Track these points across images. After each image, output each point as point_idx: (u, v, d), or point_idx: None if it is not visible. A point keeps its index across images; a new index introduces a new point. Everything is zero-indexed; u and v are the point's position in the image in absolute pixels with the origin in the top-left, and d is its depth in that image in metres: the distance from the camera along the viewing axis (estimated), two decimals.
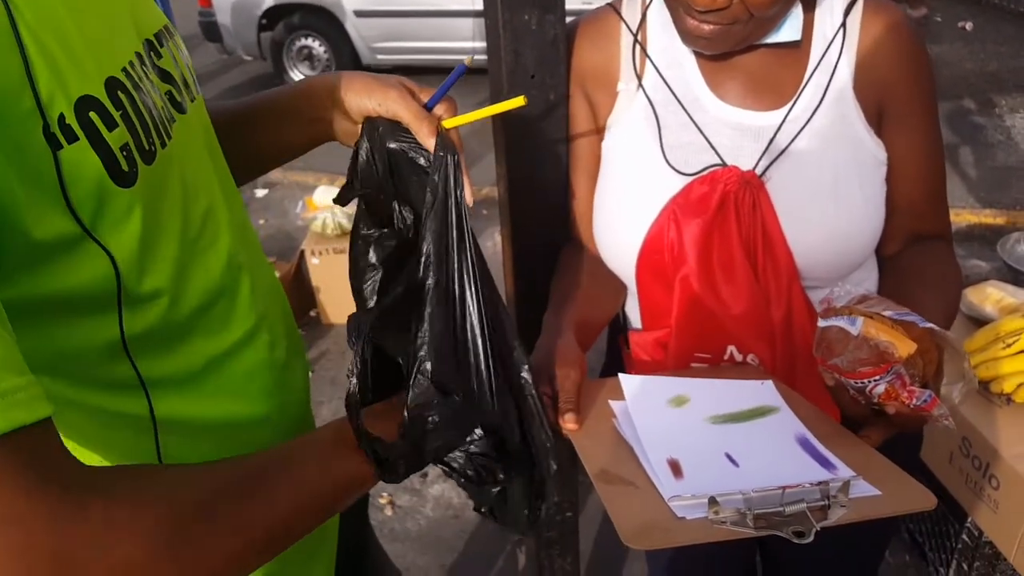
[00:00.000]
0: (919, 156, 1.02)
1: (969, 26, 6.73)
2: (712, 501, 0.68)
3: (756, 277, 0.99)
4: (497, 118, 1.20)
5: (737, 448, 0.81)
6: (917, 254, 1.05)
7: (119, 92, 0.57)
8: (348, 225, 3.28)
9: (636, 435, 0.82)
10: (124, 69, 0.59)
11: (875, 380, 0.77)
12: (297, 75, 6.47)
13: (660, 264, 1.02)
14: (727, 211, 0.97)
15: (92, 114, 0.54)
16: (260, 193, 4.83)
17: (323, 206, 3.35)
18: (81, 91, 0.54)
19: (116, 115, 0.56)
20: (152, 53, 0.66)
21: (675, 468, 0.76)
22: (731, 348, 1.04)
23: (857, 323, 0.78)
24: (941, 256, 1.05)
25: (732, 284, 1.00)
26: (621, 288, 1.15)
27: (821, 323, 0.82)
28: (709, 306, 1.01)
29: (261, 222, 4.36)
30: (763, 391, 0.94)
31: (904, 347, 0.76)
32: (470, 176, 0.81)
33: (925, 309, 0.83)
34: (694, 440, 0.82)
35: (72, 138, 0.52)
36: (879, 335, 0.77)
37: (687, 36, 0.97)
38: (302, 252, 3.43)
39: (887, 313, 0.79)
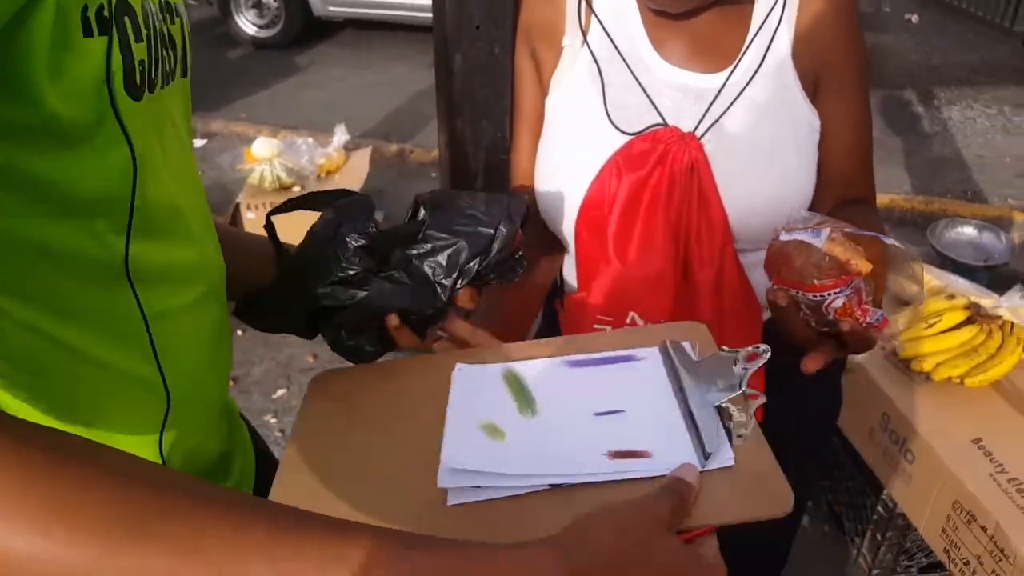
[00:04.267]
0: (851, 126, 1.04)
1: (915, 19, 6.87)
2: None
3: (689, 238, 1.00)
4: (440, 74, 1.18)
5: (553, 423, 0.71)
6: (844, 213, 1.07)
7: (148, 15, 0.59)
8: (286, 178, 3.19)
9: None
10: (146, 3, 0.60)
11: (835, 293, 0.76)
12: (244, 23, 6.26)
13: (600, 220, 1.02)
14: (663, 170, 0.98)
15: (126, 19, 0.55)
16: (198, 143, 4.70)
17: (261, 158, 3.25)
18: None
19: (143, 31, 0.57)
20: (166, 14, 0.66)
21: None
22: (632, 315, 1.05)
23: (821, 235, 0.77)
24: (866, 214, 1.07)
25: (649, 247, 1.00)
26: (559, 253, 1.15)
27: (783, 236, 0.81)
28: (618, 266, 1.02)
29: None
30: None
31: (864, 263, 0.76)
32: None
33: None
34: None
35: (104, 31, 0.53)
36: (841, 244, 0.76)
37: None
38: (237, 205, 3.31)
39: (847, 229, 0.79)
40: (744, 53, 0.99)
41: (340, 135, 3.39)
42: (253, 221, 3.29)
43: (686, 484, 0.60)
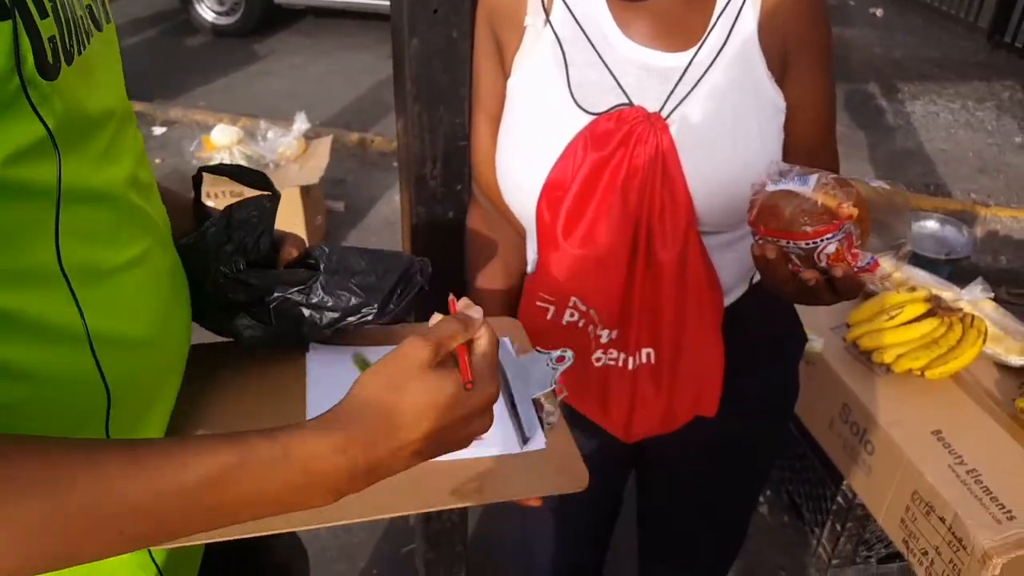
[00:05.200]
0: (818, 101, 1.04)
1: (879, 13, 6.93)
2: None
3: (652, 218, 0.99)
4: (397, 59, 1.15)
5: None
6: None
7: None
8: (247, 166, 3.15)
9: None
10: None
11: (827, 239, 0.76)
12: (204, 10, 6.14)
13: (561, 200, 1.01)
14: (625, 152, 0.97)
15: None
16: (158, 131, 4.59)
17: (221, 145, 3.19)
18: None
19: (47, 5, 0.56)
20: None
21: None
22: (574, 298, 1.04)
23: (810, 181, 0.77)
24: None
25: (601, 228, 0.99)
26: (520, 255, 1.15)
27: (770, 187, 0.80)
28: (564, 247, 1.01)
29: (157, 161, 4.15)
30: None
31: (852, 205, 0.75)
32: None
33: None
34: None
35: (4, 15, 0.51)
36: (830, 186, 0.76)
37: None
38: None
39: (831, 176, 0.78)
40: (709, 33, 0.98)
41: (300, 123, 3.33)
42: (213, 209, 3.22)
43: (446, 323, 0.66)
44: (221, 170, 0.89)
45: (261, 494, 0.56)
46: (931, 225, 3.08)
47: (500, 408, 0.77)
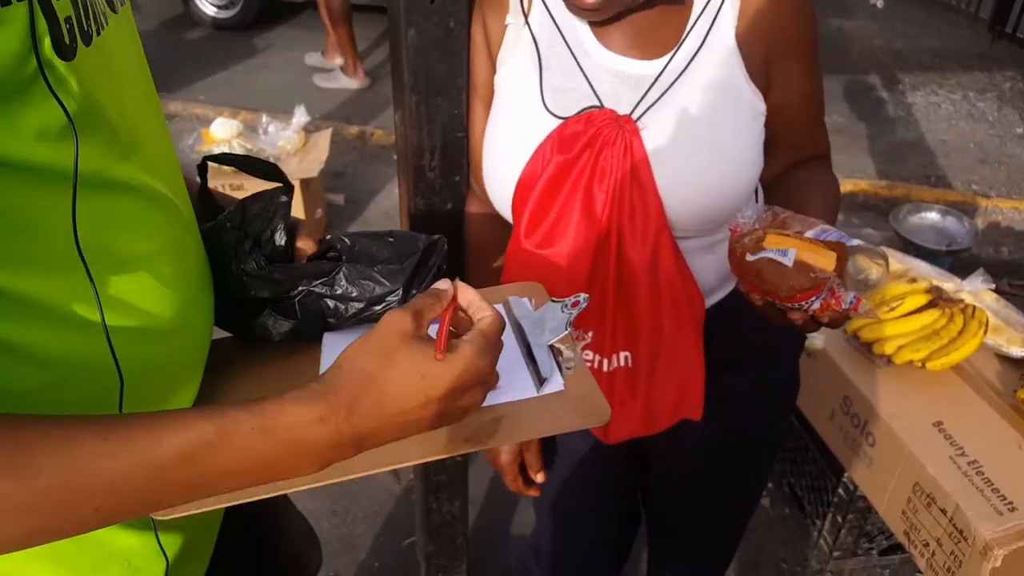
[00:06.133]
0: (805, 98, 1.04)
1: (880, 4, 6.90)
2: None
3: (623, 219, 0.98)
4: (394, 50, 1.14)
5: None
6: (800, 173, 1.07)
7: None
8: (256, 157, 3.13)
9: None
10: None
11: (812, 300, 0.81)
12: (203, 4, 6.11)
13: (527, 201, 1.01)
14: (591, 153, 0.97)
15: None
16: None
17: (220, 139, 3.17)
18: None
19: None
20: None
21: None
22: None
23: (790, 255, 0.81)
24: (821, 171, 1.08)
25: (562, 230, 0.99)
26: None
27: (749, 257, 0.84)
28: (525, 246, 1.01)
29: None
30: None
31: (831, 262, 0.80)
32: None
33: (812, 215, 0.88)
34: None
35: None
36: (810, 260, 0.80)
37: (571, 4, 0.95)
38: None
39: (809, 234, 0.83)
40: (684, 40, 0.97)
41: (300, 116, 3.31)
42: (220, 195, 3.21)
43: (421, 297, 0.68)
44: (229, 159, 0.87)
45: (241, 466, 0.57)
46: (932, 216, 3.07)
47: (516, 357, 0.80)
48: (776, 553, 2.22)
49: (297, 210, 3.31)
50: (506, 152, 1.04)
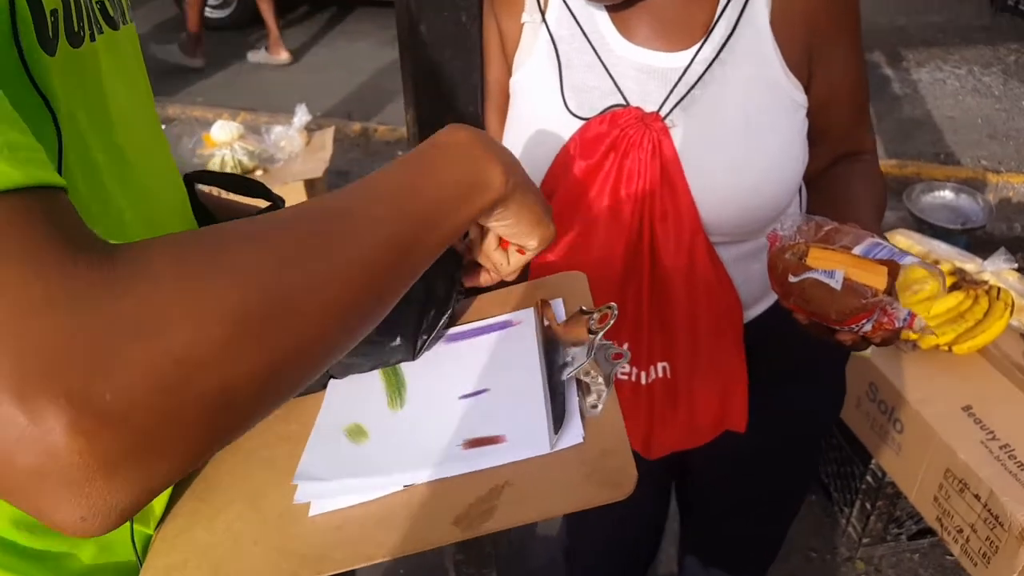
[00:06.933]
0: (850, 82, 0.98)
1: None
2: None
3: (655, 224, 0.93)
4: (404, 46, 1.10)
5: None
6: (844, 169, 1.02)
7: None
8: (248, 162, 3.07)
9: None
10: None
11: (863, 323, 0.76)
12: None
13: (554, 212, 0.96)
14: (616, 157, 0.91)
15: None
16: None
17: (221, 142, 3.12)
18: None
19: None
20: None
21: None
22: None
23: (837, 276, 0.75)
24: (867, 167, 1.03)
25: (587, 240, 0.94)
26: None
27: (793, 278, 0.78)
28: (548, 259, 0.96)
29: None
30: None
31: (881, 280, 0.75)
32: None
33: (862, 224, 0.83)
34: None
35: None
36: (859, 279, 0.74)
37: None
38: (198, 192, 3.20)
39: (857, 250, 0.77)
40: (713, 28, 0.90)
41: (301, 115, 3.27)
42: (219, 201, 3.17)
43: None
44: (210, 179, 0.79)
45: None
46: (946, 195, 3.03)
47: (535, 389, 0.66)
48: (805, 542, 2.19)
49: None
50: (526, 159, 0.97)
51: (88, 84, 0.56)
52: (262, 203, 0.80)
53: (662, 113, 0.91)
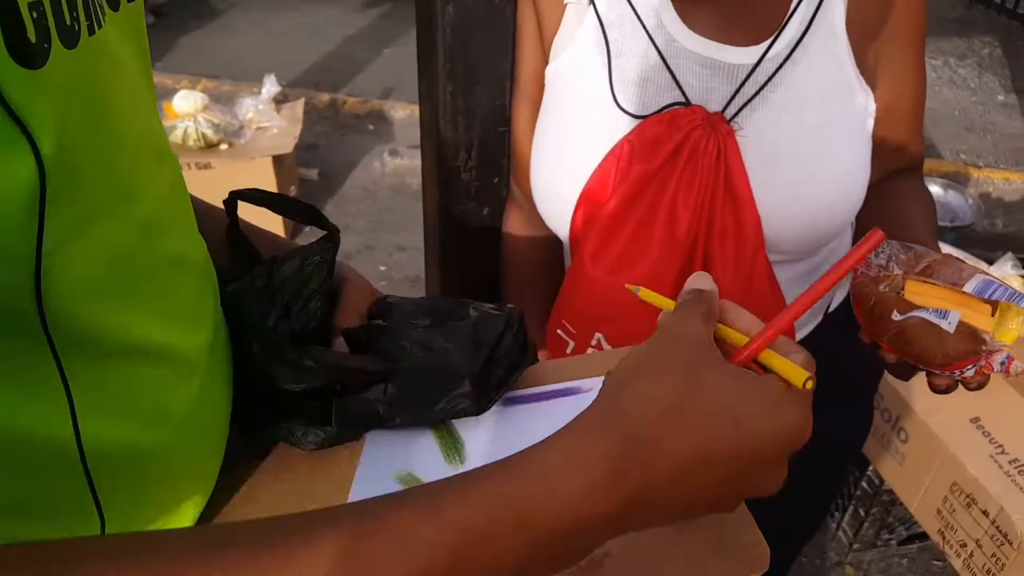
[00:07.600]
0: (913, 93, 0.91)
1: None
2: None
3: (712, 239, 0.84)
4: (423, 29, 0.98)
5: None
6: (897, 184, 0.95)
7: None
8: (212, 136, 2.89)
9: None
10: None
11: (968, 368, 0.68)
12: None
13: (596, 220, 0.86)
14: (678, 163, 0.82)
15: None
16: None
17: (184, 113, 2.92)
18: None
19: None
20: None
21: None
22: (598, 336, 0.89)
23: (951, 317, 0.66)
24: (918, 182, 0.96)
25: (637, 256, 0.85)
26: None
27: (897, 316, 0.69)
28: (592, 274, 0.86)
29: None
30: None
31: (990, 323, 0.66)
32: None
33: (917, 238, 0.76)
34: None
35: None
36: (975, 323, 0.66)
37: None
38: None
39: (969, 288, 0.68)
40: (786, 23, 0.82)
41: (270, 86, 3.09)
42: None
43: (704, 292, 0.51)
44: (260, 199, 0.67)
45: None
46: (934, 191, 2.98)
47: None
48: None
49: (269, 189, 3.11)
50: (565, 158, 0.88)
51: (93, 90, 0.42)
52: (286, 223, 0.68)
53: (727, 115, 0.82)
